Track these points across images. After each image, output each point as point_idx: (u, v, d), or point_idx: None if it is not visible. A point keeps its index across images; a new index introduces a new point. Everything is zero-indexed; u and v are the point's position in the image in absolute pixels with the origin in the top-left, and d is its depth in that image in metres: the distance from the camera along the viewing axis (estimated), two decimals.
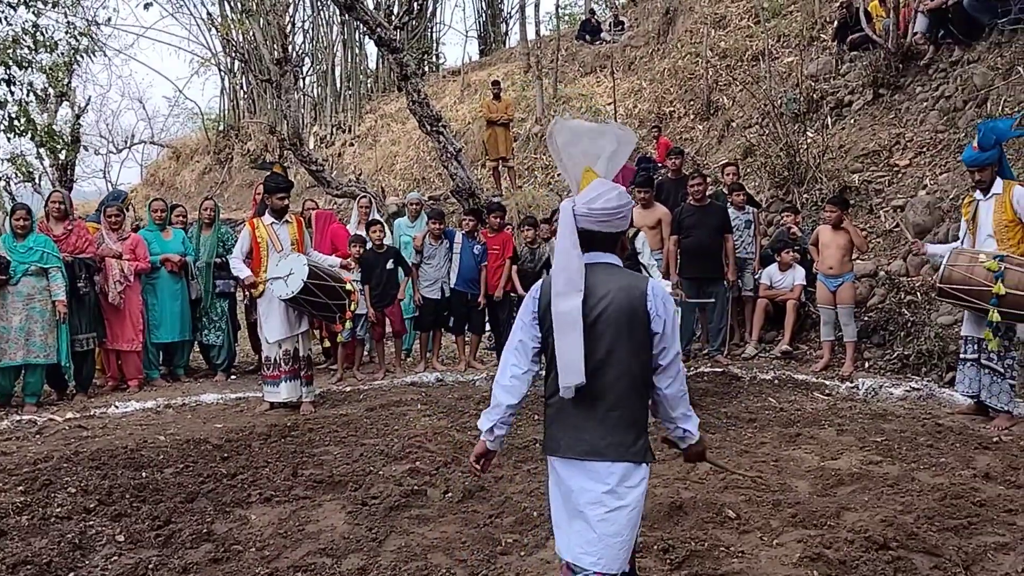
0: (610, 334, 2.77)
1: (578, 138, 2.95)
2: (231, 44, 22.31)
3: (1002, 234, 5.99)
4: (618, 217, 2.84)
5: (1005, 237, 5.98)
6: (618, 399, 2.80)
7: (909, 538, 3.96)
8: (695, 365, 8.42)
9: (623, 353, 2.78)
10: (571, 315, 2.73)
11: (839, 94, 11.74)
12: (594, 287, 2.79)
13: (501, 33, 30.26)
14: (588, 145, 2.93)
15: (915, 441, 5.65)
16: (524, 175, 17.15)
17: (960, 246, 6.33)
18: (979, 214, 6.17)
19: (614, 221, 2.84)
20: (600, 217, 2.81)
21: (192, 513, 4.63)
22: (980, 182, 6.15)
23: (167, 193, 26.96)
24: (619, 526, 2.77)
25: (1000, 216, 6.00)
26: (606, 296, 2.78)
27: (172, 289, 8.54)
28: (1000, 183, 6.04)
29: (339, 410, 7.13)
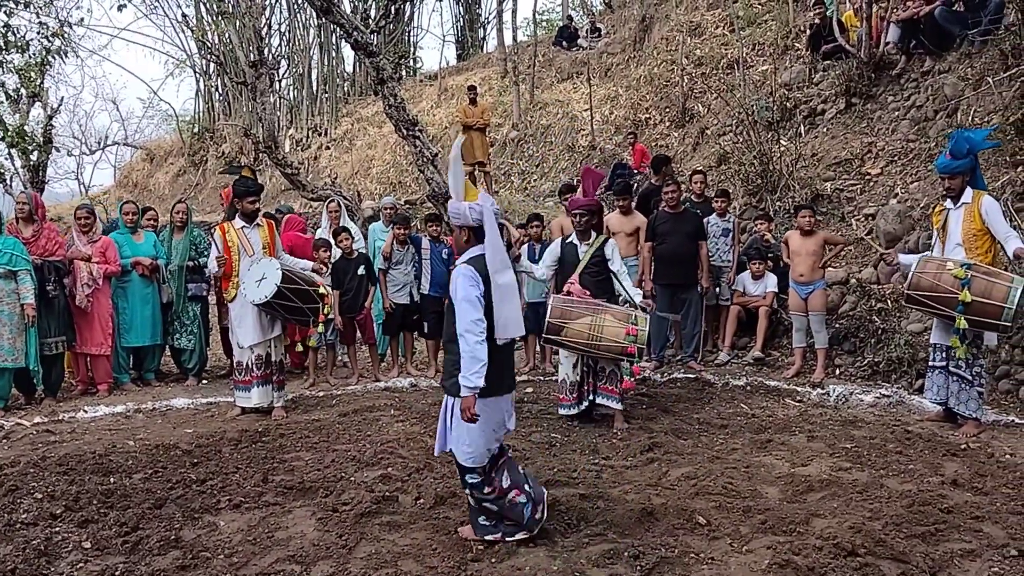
0: None
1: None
2: (206, 46, 22.17)
3: (970, 243, 6.07)
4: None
5: (973, 246, 6.06)
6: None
7: (877, 545, 4.00)
8: (669, 371, 8.46)
9: None
10: (512, 285, 3.92)
11: (812, 103, 11.85)
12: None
13: (479, 38, 30.34)
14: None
15: (884, 448, 5.70)
16: (501, 180, 17.18)
17: (929, 254, 6.41)
18: (949, 223, 6.25)
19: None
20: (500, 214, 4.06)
21: (160, 519, 4.58)
22: (950, 190, 6.23)
23: (141, 195, 26.74)
24: None
25: (969, 225, 6.08)
26: None
27: (143, 292, 8.44)
28: (970, 192, 6.12)
29: (311, 415, 7.08)
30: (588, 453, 5.77)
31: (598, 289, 6.54)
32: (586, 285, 6.51)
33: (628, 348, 6.14)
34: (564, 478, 5.17)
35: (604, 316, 6.25)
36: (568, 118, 17.75)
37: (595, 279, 6.57)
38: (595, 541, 4.17)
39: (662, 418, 6.72)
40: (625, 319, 6.23)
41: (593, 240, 6.65)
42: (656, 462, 5.50)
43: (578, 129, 17.23)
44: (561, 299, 6.43)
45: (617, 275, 6.60)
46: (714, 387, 7.80)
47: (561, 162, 16.99)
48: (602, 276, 6.61)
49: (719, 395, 7.51)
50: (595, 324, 6.21)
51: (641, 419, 6.67)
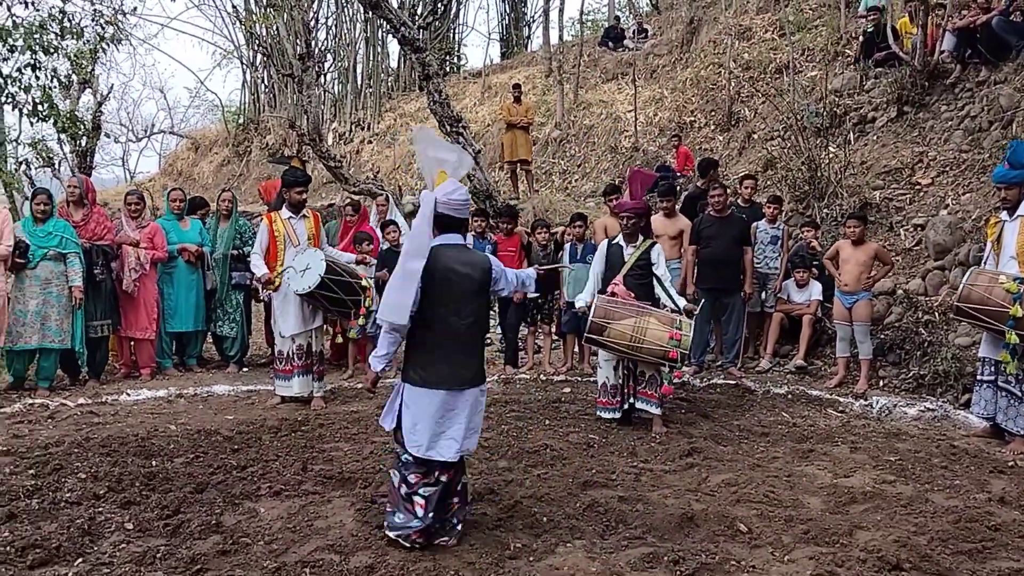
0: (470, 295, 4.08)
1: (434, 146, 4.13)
2: (255, 38, 22.39)
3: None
4: (467, 207, 4.17)
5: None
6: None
7: (922, 560, 3.92)
8: (708, 376, 8.38)
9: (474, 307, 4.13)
10: (416, 273, 3.88)
11: (862, 110, 11.67)
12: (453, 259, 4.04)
13: (524, 36, 30.29)
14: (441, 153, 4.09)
15: (929, 462, 5.60)
16: (542, 179, 17.14)
17: (982, 267, 6.28)
18: (1004, 235, 6.12)
19: (463, 209, 4.12)
20: (456, 205, 4.03)
21: (201, 504, 4.62)
22: (1006, 200, 6.10)
23: (185, 184, 27.04)
24: None
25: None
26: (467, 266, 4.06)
27: (188, 279, 8.55)
28: None
29: (349, 407, 7.13)
30: (626, 456, 5.73)
31: (641, 292, 6.50)
32: (630, 288, 6.47)
33: (671, 353, 6.08)
34: (602, 479, 5.14)
35: (648, 319, 6.20)
36: (611, 119, 17.66)
37: (639, 282, 6.53)
38: (634, 544, 4.13)
39: (702, 423, 6.66)
40: (669, 323, 6.17)
41: (640, 243, 6.62)
42: (696, 467, 5.45)
43: (621, 130, 17.14)
44: (606, 299, 6.39)
45: (661, 280, 6.55)
46: (755, 394, 7.71)
47: (603, 163, 16.92)
48: (646, 280, 6.57)
49: (760, 403, 7.43)
50: (638, 327, 6.16)
51: (680, 424, 6.61)
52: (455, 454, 4.06)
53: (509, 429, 6.30)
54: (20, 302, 7.44)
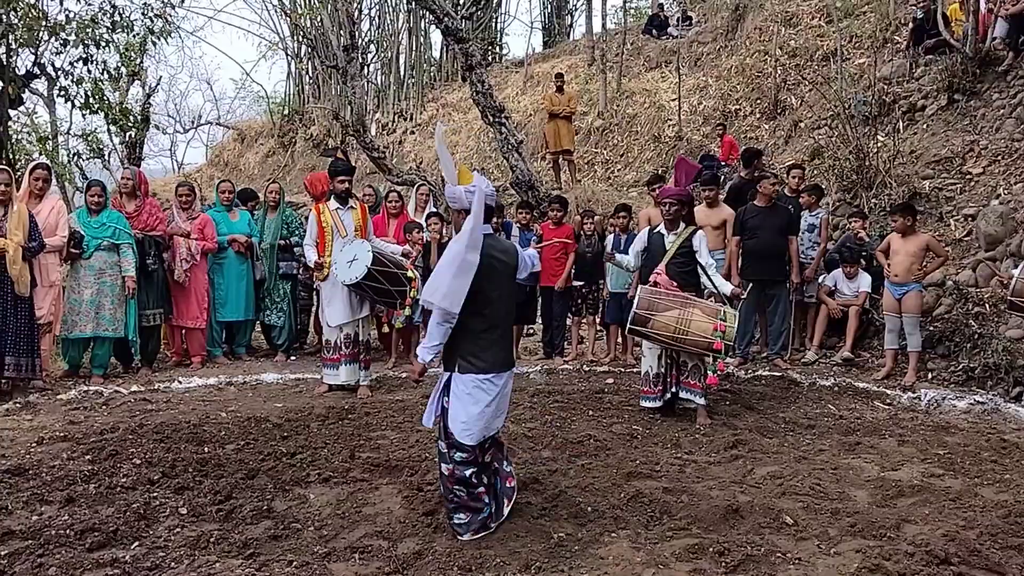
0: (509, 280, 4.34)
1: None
2: (299, 29, 22.57)
3: None
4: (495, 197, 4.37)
5: None
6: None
7: (971, 554, 3.88)
8: (753, 368, 8.33)
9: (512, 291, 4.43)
10: (471, 266, 4.00)
11: (912, 98, 11.47)
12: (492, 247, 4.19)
13: (566, 25, 30.11)
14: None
15: (979, 456, 5.52)
16: (584, 169, 17.09)
17: None
18: None
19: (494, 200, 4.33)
20: (493, 196, 4.27)
21: (252, 490, 4.73)
22: None
23: (231, 174, 27.37)
24: None
25: None
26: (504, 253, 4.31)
27: (238, 269, 8.70)
28: None
29: (395, 396, 7.21)
30: (670, 447, 5.74)
31: (684, 281, 6.45)
32: (672, 276, 6.42)
33: (715, 344, 6.06)
34: (647, 470, 5.15)
35: (692, 310, 6.18)
36: (655, 108, 17.53)
37: (681, 270, 6.48)
38: (679, 535, 4.14)
39: (746, 415, 6.63)
40: (714, 314, 6.15)
41: (681, 231, 6.57)
42: (740, 459, 5.43)
43: (664, 119, 17.01)
44: (649, 290, 6.37)
45: (705, 268, 6.50)
46: (800, 386, 7.65)
47: (646, 152, 16.81)
48: (689, 268, 6.51)
49: (805, 395, 7.37)
50: (682, 318, 6.14)
51: (724, 415, 6.59)
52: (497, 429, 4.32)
53: (552, 419, 6.33)
54: (75, 291, 7.64)
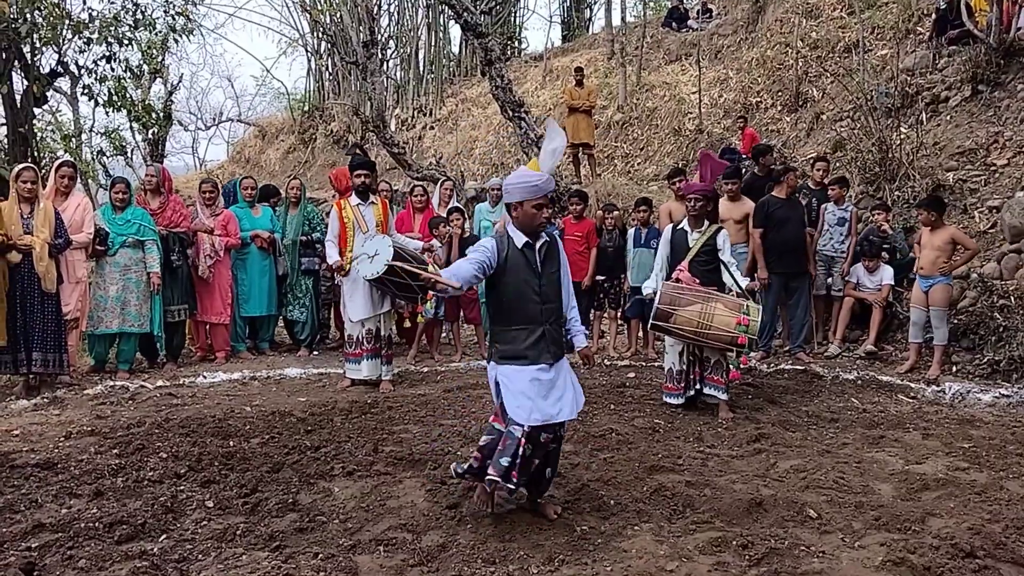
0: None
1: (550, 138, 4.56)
2: (319, 26, 22.64)
3: None
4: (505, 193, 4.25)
5: None
6: None
7: (997, 547, 3.85)
8: (775, 362, 8.30)
9: None
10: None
11: (935, 89, 11.36)
12: None
13: (585, 19, 30.03)
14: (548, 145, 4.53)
15: (1004, 449, 5.47)
16: (604, 163, 17.07)
17: None
18: None
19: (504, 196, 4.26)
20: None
21: (278, 483, 4.77)
22: None
23: (252, 171, 27.56)
24: None
25: None
26: None
27: (260, 265, 8.78)
28: None
29: (417, 390, 7.25)
30: (693, 441, 5.73)
31: (707, 278, 6.41)
32: (695, 274, 6.39)
33: (739, 338, 6.04)
34: (669, 464, 5.15)
35: (715, 305, 6.17)
36: (675, 101, 17.47)
37: (704, 268, 6.45)
38: (702, 528, 4.14)
39: (769, 409, 6.61)
40: (737, 309, 6.13)
41: (705, 228, 6.54)
42: (763, 453, 5.42)
43: (685, 112, 16.95)
44: (671, 285, 6.36)
45: (727, 266, 6.48)
46: (823, 380, 7.62)
47: (666, 146, 16.76)
48: (712, 265, 6.47)
49: (828, 388, 7.34)
50: (705, 312, 6.13)
51: (747, 409, 6.58)
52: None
53: None
54: (100, 288, 7.73)
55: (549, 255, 4.26)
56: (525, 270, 4.17)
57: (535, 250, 4.20)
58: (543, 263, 4.22)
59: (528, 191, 4.12)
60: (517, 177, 4.20)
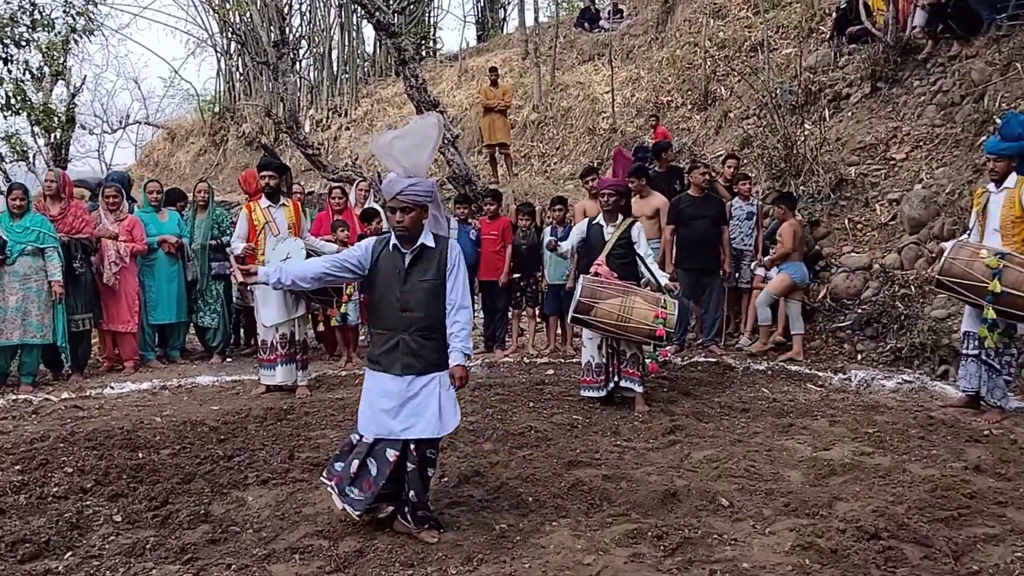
0: None
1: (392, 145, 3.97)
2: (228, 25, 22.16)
3: (1008, 229, 5.98)
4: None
5: (1011, 233, 5.97)
6: None
7: (900, 528, 4.01)
8: (689, 354, 8.47)
9: None
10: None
11: (837, 86, 11.73)
12: None
13: (499, 19, 30.11)
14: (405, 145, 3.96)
15: (907, 433, 5.70)
16: (521, 162, 17.14)
17: (966, 239, 6.34)
18: (989, 206, 6.15)
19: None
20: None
21: (189, 494, 4.66)
22: (993, 172, 6.13)
23: (162, 174, 26.83)
24: None
25: (1008, 211, 5.99)
26: None
27: (168, 271, 8.55)
28: (1014, 178, 6.01)
29: (335, 394, 7.16)
30: (610, 435, 5.81)
31: (624, 272, 6.55)
32: (612, 267, 6.51)
33: (657, 331, 6.17)
34: (587, 459, 5.21)
35: (634, 298, 6.28)
36: (589, 100, 17.64)
37: (621, 261, 6.58)
38: (618, 521, 4.20)
39: (683, 401, 6.74)
40: (655, 303, 6.25)
41: (620, 222, 6.65)
42: (678, 444, 5.53)
43: (599, 111, 17.13)
44: (591, 279, 6.45)
45: (643, 258, 6.60)
46: (735, 371, 7.81)
47: (581, 145, 16.92)
48: (628, 259, 6.61)
49: (740, 379, 7.53)
50: (625, 306, 6.24)
51: (662, 402, 6.70)
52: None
53: (494, 412, 6.36)
54: (0, 299, 7.40)
55: (422, 263, 4.02)
56: (390, 274, 4.02)
57: (403, 255, 4.03)
58: (409, 269, 4.00)
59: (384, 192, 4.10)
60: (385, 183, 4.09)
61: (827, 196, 9.66)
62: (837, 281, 8.66)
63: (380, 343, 4.05)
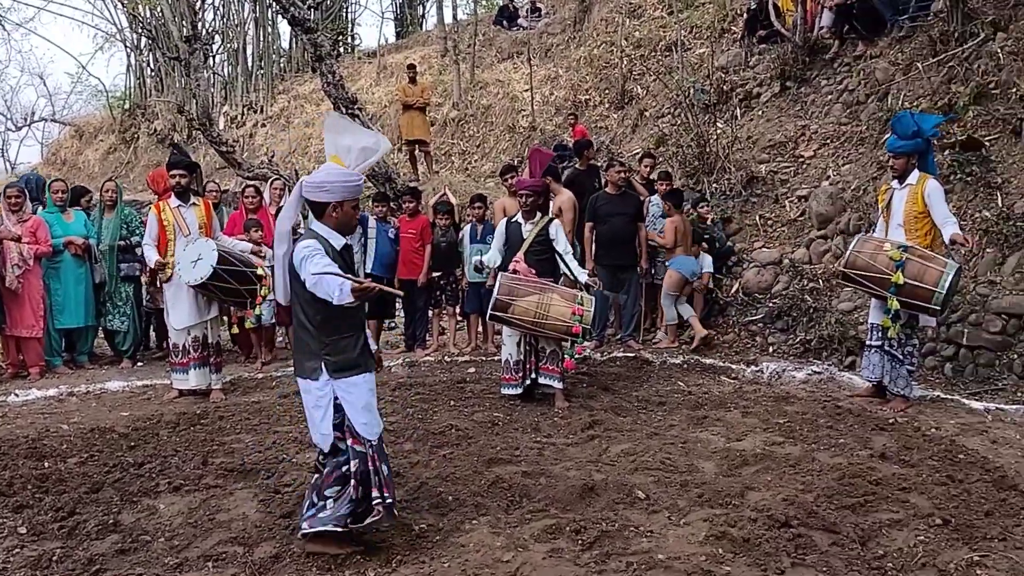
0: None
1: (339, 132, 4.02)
2: (137, 20, 21.57)
3: (911, 224, 6.22)
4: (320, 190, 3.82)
5: (913, 228, 6.21)
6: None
7: (809, 516, 4.13)
8: (608, 350, 8.57)
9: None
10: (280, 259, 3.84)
11: (748, 86, 12.03)
12: None
13: (418, 16, 29.98)
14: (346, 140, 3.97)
15: (816, 423, 5.87)
16: (441, 160, 17.09)
17: (871, 233, 6.57)
18: (892, 203, 6.38)
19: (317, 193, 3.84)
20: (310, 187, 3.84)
21: (97, 503, 4.52)
22: (894, 169, 6.38)
23: (69, 173, 25.94)
24: None
25: (911, 207, 6.21)
26: None
27: (76, 273, 8.26)
28: (916, 175, 6.24)
29: (251, 397, 7.03)
30: (530, 431, 5.84)
31: (542, 268, 6.61)
32: (531, 264, 6.58)
33: (574, 328, 6.23)
34: (507, 456, 5.23)
35: (551, 295, 6.33)
36: (509, 98, 17.70)
37: (539, 258, 6.64)
38: (537, 517, 4.23)
39: (602, 396, 6.82)
40: (571, 299, 6.31)
41: (538, 220, 6.71)
42: (596, 439, 5.59)
43: (519, 110, 17.20)
44: (509, 276, 6.48)
45: (562, 255, 6.67)
46: (652, 365, 7.94)
47: (502, 142, 16.97)
48: (546, 256, 6.68)
49: (657, 373, 7.65)
50: (542, 303, 6.28)
51: (582, 397, 6.76)
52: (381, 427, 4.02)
53: (414, 412, 6.33)
54: None
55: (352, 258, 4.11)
56: (348, 273, 3.88)
57: (350, 252, 4.01)
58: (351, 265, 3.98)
59: (352, 190, 3.88)
60: (337, 175, 3.84)
61: (739, 193, 9.91)
62: (749, 276, 8.89)
63: (353, 345, 3.89)
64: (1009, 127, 7.99)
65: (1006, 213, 7.28)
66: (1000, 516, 4.18)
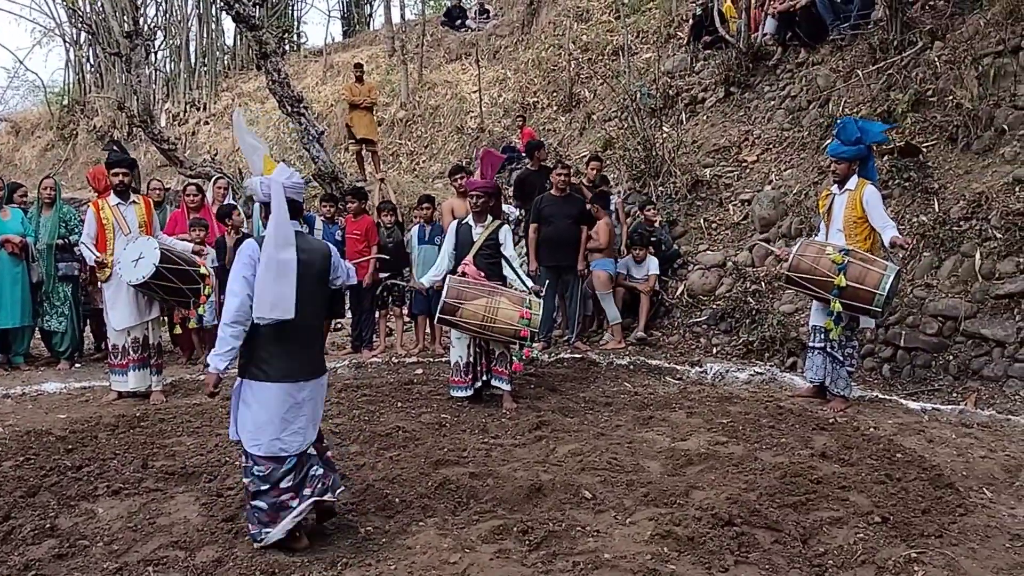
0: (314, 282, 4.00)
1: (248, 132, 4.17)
2: (77, 14, 21.07)
3: (850, 229, 6.35)
4: (302, 190, 4.05)
5: (853, 232, 6.34)
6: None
7: (752, 514, 4.19)
8: (555, 351, 8.61)
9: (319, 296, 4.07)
10: (291, 263, 3.76)
11: (693, 91, 12.19)
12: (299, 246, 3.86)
13: (365, 15, 29.82)
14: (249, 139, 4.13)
15: (758, 423, 5.96)
16: (389, 160, 17.00)
17: (813, 237, 6.70)
18: (833, 207, 6.51)
19: (300, 193, 4.05)
20: (298, 189, 4.00)
21: (34, 508, 4.39)
22: (835, 173, 6.52)
23: (5, 170, 25.21)
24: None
25: (850, 212, 6.35)
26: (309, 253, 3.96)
27: (12, 272, 8.02)
28: (855, 180, 6.38)
29: (192, 399, 6.90)
30: (478, 433, 5.84)
31: (491, 272, 6.63)
32: (480, 267, 6.58)
33: (522, 331, 6.24)
34: (454, 457, 5.22)
35: (499, 299, 6.34)
36: (457, 99, 17.70)
37: (488, 262, 6.65)
38: (485, 518, 4.23)
39: (549, 397, 6.85)
40: (519, 303, 6.33)
41: (488, 223, 6.72)
42: (544, 440, 5.61)
43: (467, 111, 17.20)
44: (458, 280, 6.47)
45: (509, 261, 6.69)
46: (599, 366, 7.99)
47: (450, 144, 16.95)
48: (495, 259, 6.69)
49: (604, 374, 7.71)
50: (490, 306, 6.29)
51: (529, 399, 6.79)
52: (300, 447, 3.92)
53: (361, 413, 6.29)
54: None
55: None
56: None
57: None
58: None
59: (301, 191, 4.02)
60: (292, 177, 3.95)
61: (684, 196, 10.04)
62: (693, 278, 9.01)
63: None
64: (946, 134, 8.22)
65: (942, 218, 7.48)
66: (937, 514, 4.28)
